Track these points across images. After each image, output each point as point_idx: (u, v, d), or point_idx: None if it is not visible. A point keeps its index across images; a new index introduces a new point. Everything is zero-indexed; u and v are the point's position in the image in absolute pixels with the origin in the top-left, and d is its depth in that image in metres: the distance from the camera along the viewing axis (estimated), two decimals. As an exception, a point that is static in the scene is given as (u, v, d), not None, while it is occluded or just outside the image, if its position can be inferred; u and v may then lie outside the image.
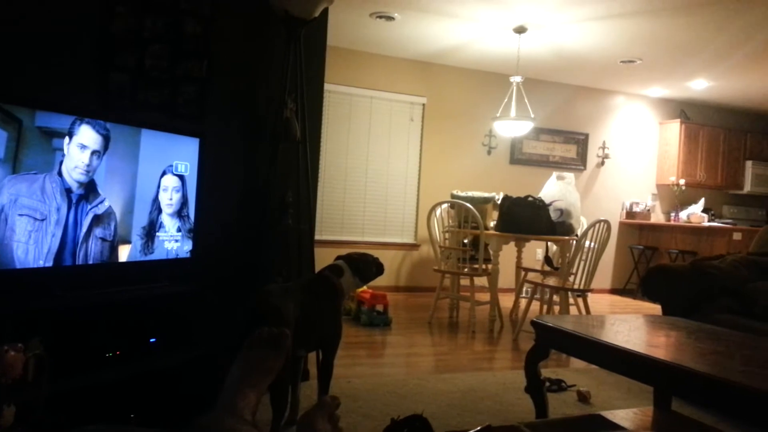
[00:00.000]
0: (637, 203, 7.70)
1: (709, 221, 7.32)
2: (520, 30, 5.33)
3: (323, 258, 2.99)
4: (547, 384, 2.94)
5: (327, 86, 3.25)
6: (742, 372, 1.81)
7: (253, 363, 1.60)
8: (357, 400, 2.73)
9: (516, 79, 5.74)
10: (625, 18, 4.90)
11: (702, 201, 7.53)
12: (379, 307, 4.68)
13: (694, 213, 7.38)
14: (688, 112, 7.88)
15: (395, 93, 6.66)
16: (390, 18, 5.28)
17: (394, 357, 3.85)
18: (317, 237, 3.26)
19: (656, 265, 3.59)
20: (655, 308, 3.45)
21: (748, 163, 7.88)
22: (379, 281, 3.86)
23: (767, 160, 7.98)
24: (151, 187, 2.39)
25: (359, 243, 6.38)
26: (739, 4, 4.44)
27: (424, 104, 6.78)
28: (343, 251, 2.62)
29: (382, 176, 6.68)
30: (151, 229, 2.40)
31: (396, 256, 6.68)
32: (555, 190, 5.01)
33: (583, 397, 2.97)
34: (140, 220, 2.35)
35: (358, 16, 5.28)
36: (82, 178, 2.10)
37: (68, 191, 2.05)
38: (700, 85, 6.96)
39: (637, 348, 2.03)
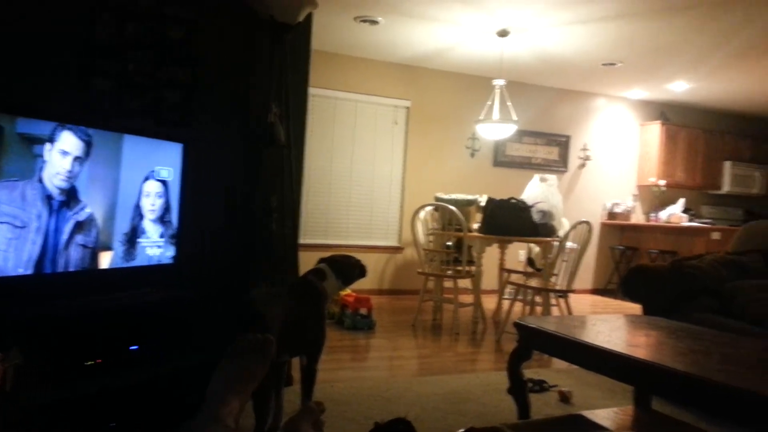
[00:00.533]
0: (618, 204, 7.79)
1: (688, 221, 7.43)
2: (503, 34, 5.38)
3: (307, 262, 2.99)
4: (530, 385, 2.97)
5: (311, 90, 3.26)
6: (720, 370, 1.85)
7: (236, 370, 1.61)
8: (341, 404, 2.74)
9: (499, 83, 5.78)
10: (606, 21, 4.96)
11: (682, 201, 7.63)
12: (363, 311, 4.69)
13: (674, 213, 7.49)
14: (668, 113, 7.98)
15: (379, 96, 6.68)
16: (374, 22, 5.30)
17: (378, 360, 3.86)
18: (301, 241, 3.26)
19: (636, 266, 3.64)
20: (636, 308, 3.50)
21: (727, 164, 8.00)
22: (363, 284, 3.86)
23: (745, 161, 8.11)
24: (132, 193, 2.37)
25: (343, 246, 6.38)
26: (717, 7, 4.52)
27: (408, 107, 6.80)
28: (328, 255, 2.63)
29: (367, 179, 6.69)
30: (133, 235, 2.39)
31: (380, 259, 6.69)
32: (537, 191, 5.06)
33: (565, 398, 3.00)
34: (122, 226, 2.34)
35: (342, 20, 5.29)
36: (64, 185, 2.08)
37: (49, 198, 2.04)
38: (679, 87, 7.06)
39: (618, 348, 2.06)
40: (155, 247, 2.50)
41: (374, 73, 6.65)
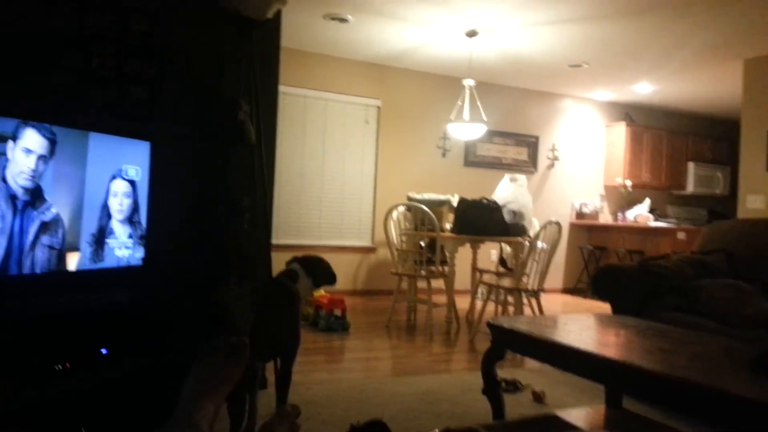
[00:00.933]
0: (586, 204, 7.91)
1: (654, 221, 7.58)
2: (472, 34, 5.41)
3: (280, 263, 2.96)
4: (503, 385, 2.99)
5: (281, 88, 3.22)
6: (688, 368, 1.88)
7: (210, 373, 1.58)
8: (316, 406, 2.72)
9: (468, 83, 5.81)
10: (572, 23, 5.04)
11: (647, 201, 7.79)
12: (338, 312, 4.66)
13: (640, 213, 7.64)
14: (633, 115, 8.15)
15: (351, 95, 6.66)
16: (343, 20, 5.28)
17: (353, 361, 3.84)
18: (273, 241, 3.22)
19: (605, 266, 3.70)
20: (606, 307, 3.55)
21: (690, 165, 8.19)
22: (337, 285, 3.85)
23: (708, 162, 8.31)
24: (100, 193, 2.31)
25: (316, 246, 6.35)
26: (677, 10, 4.62)
27: (379, 107, 6.80)
28: (300, 255, 2.60)
29: (338, 179, 6.66)
30: (101, 235, 2.33)
31: (353, 259, 6.67)
32: (508, 192, 5.10)
33: (538, 397, 3.03)
34: (89, 226, 2.27)
35: (312, 17, 5.25)
36: (28, 184, 2.02)
37: (13, 198, 1.97)
38: (644, 89, 7.21)
39: (588, 347, 2.08)
40: (124, 247, 2.44)
41: (345, 71, 6.62)
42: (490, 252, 6.86)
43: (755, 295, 3.24)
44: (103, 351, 2.19)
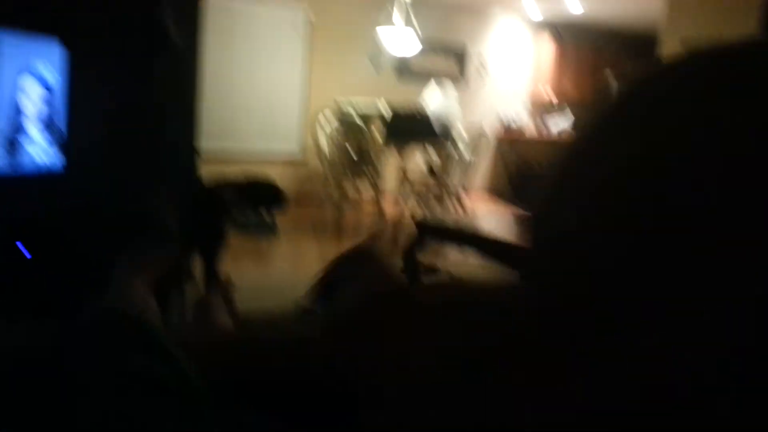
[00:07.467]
0: (512, 118, 8.07)
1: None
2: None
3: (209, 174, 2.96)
4: (422, 270, 3.16)
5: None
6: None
7: (139, 257, 1.63)
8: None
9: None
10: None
11: (568, 113, 7.99)
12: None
13: (564, 129, 7.84)
14: (561, 31, 8.21)
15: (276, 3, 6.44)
16: None
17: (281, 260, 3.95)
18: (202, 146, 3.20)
19: (525, 173, 3.88)
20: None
21: (612, 80, 8.39)
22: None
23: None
24: (6, 86, 2.21)
25: (244, 153, 6.28)
26: None
27: (307, 16, 6.61)
28: (229, 167, 2.59)
29: (267, 86, 6.53)
30: (14, 137, 2.25)
31: (284, 171, 6.66)
32: (434, 98, 5.19)
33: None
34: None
35: None
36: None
37: None
38: (573, 5, 7.23)
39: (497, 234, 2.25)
40: (41, 152, 2.38)
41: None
42: (420, 163, 6.98)
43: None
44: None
